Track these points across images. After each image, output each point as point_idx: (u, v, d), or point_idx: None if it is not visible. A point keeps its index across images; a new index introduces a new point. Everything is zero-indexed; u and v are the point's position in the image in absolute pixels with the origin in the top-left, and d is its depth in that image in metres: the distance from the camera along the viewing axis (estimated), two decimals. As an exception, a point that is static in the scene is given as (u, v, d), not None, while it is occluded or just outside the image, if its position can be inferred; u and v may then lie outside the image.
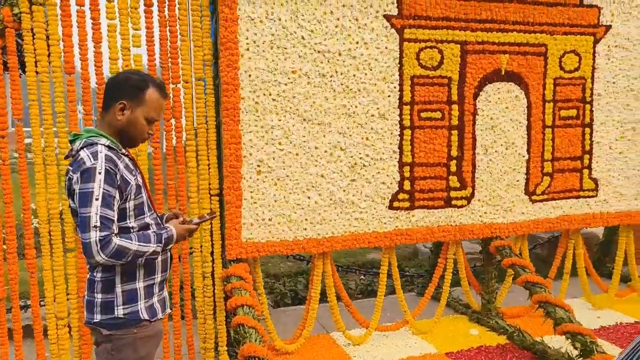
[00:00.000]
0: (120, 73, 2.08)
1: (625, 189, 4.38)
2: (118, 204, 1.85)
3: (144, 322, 1.95)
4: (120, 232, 1.86)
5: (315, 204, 3.57)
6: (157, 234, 1.93)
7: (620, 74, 4.23)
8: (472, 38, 3.78)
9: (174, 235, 1.99)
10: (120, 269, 1.90)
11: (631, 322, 4.27)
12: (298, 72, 3.44)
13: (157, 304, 2.02)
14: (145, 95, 1.96)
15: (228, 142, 3.35)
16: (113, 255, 1.78)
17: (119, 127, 1.96)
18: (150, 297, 1.99)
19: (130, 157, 2.01)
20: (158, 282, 2.03)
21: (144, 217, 1.98)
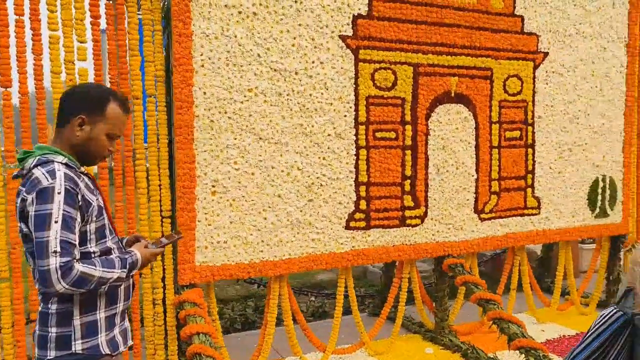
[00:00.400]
0: (78, 86, 1.94)
1: (563, 206, 4.60)
2: (79, 227, 1.69)
3: (105, 357, 1.78)
4: (81, 257, 1.70)
5: (271, 225, 3.48)
6: (122, 259, 1.78)
7: (557, 98, 4.47)
8: (424, 60, 3.87)
9: (139, 259, 1.84)
10: (78, 298, 1.73)
11: (573, 334, 4.45)
12: (254, 90, 3.37)
13: (118, 336, 1.85)
14: (106, 109, 1.82)
15: (181, 162, 3.21)
16: (75, 283, 1.62)
17: (77, 144, 1.81)
18: (112, 329, 1.83)
19: (90, 177, 1.85)
20: (120, 312, 1.86)
21: (105, 241, 1.83)
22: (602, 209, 4.78)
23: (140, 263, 1.85)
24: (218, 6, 3.22)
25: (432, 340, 4.27)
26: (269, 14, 3.37)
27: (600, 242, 5.04)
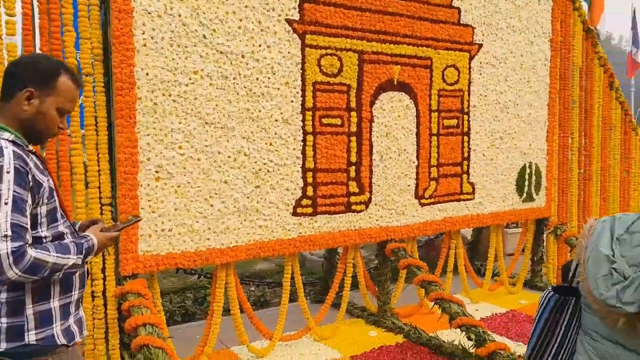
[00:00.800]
0: (25, 57, 1.78)
1: (495, 192, 4.84)
2: (30, 209, 1.56)
3: (61, 347, 1.65)
4: (32, 242, 1.56)
5: (218, 212, 3.39)
6: (77, 244, 1.66)
7: (490, 88, 4.69)
8: (369, 48, 3.92)
9: (95, 244, 1.72)
10: (31, 286, 1.59)
11: (504, 312, 4.71)
12: (200, 72, 3.26)
13: (74, 326, 1.72)
14: (57, 83, 1.68)
15: (123, 146, 3.04)
16: (28, 269, 1.48)
17: (24, 119, 1.65)
18: (67, 318, 1.70)
19: (39, 156, 1.70)
20: (75, 301, 1.73)
21: (57, 225, 1.69)
22: (529, 194, 5.09)
23: (96, 248, 1.73)
24: (161, -17, 3.08)
25: (375, 323, 4.36)
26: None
27: (526, 225, 5.35)
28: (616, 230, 1.44)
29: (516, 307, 4.79)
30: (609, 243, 1.43)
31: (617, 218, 1.49)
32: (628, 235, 1.41)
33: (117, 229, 1.85)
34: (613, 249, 1.41)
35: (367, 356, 3.75)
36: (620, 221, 1.46)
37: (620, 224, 1.45)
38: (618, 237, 1.42)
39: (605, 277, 1.41)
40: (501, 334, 4.14)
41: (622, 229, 1.43)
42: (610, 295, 1.38)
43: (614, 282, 1.38)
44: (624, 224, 1.44)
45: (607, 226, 1.48)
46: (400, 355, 3.77)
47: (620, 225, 1.45)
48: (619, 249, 1.40)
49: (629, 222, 1.44)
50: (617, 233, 1.43)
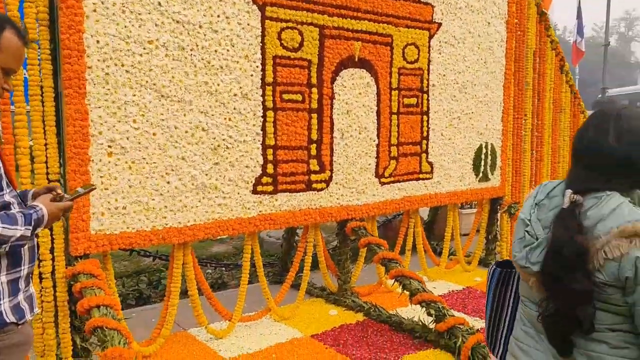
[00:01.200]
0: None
1: (452, 171, 4.89)
2: None
3: (10, 325, 1.52)
4: (-25, 213, 1.42)
5: (175, 189, 3.26)
6: (25, 215, 1.53)
7: (448, 68, 4.71)
8: (330, 23, 3.84)
9: (45, 215, 1.59)
10: (-26, 260, 1.46)
11: (460, 289, 4.80)
12: (155, 42, 3.10)
13: (24, 303, 1.59)
14: (1, 39, 1.53)
15: (71, 118, 2.86)
16: (-29, 241, 1.35)
17: (-37, 78, 1.50)
18: (16, 295, 1.56)
19: (-21, 118, 1.55)
20: (24, 276, 1.60)
21: (2, 195, 1.55)
22: (485, 174, 5.18)
23: (46, 219, 1.60)
24: (112, -56, 2.89)
25: (335, 302, 4.35)
26: (170, -41, 3.09)
27: (481, 204, 5.46)
28: (538, 196, 1.47)
29: (472, 284, 4.90)
30: (529, 209, 1.46)
31: (543, 185, 1.52)
32: (547, 200, 1.44)
33: (70, 199, 1.72)
34: (531, 214, 1.44)
35: (328, 335, 3.73)
36: (544, 188, 1.49)
37: (543, 190, 1.49)
38: (538, 202, 1.45)
39: (520, 240, 1.44)
40: (459, 310, 4.21)
41: (543, 195, 1.46)
42: (521, 256, 1.42)
43: (526, 243, 1.41)
44: (546, 190, 1.47)
45: (533, 193, 1.52)
46: (361, 333, 3.77)
47: (543, 192, 1.48)
48: (536, 213, 1.43)
49: (550, 188, 1.47)
50: (537, 199, 1.47)
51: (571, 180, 1.42)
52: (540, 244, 1.38)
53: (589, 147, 1.39)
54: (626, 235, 1.25)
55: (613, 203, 1.31)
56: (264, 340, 3.64)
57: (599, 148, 1.36)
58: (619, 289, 1.27)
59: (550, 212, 1.41)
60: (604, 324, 1.31)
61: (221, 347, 3.53)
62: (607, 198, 1.32)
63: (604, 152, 1.35)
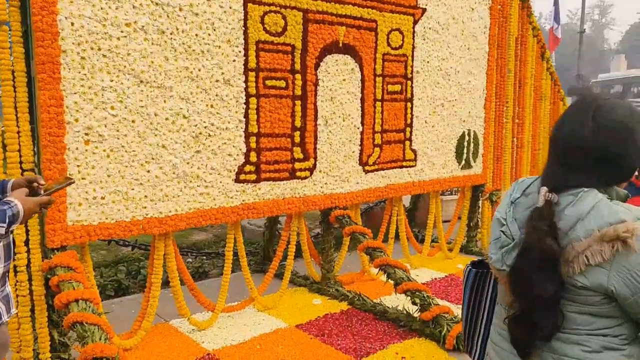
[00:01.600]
0: None
1: (436, 158, 4.87)
2: None
3: (-15, 328, 1.44)
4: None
5: (156, 178, 3.16)
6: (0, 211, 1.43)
7: (432, 54, 4.66)
8: (313, 7, 3.74)
9: (20, 211, 1.50)
10: (-56, 260, 1.36)
11: (442, 276, 4.81)
12: (133, 25, 2.97)
13: (0, 304, 1.50)
14: None
15: (46, 105, 2.73)
16: (-59, 239, 1.25)
17: None
18: (-9, 296, 1.48)
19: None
20: (0, 275, 1.51)
21: (-26, 189, 1.45)
22: (467, 161, 5.18)
23: (22, 215, 1.51)
24: None
25: (318, 291, 4.31)
26: (149, -62, 2.96)
27: (463, 191, 5.47)
28: (514, 194, 1.41)
29: (454, 272, 4.91)
30: (505, 207, 1.40)
31: (519, 182, 1.45)
32: (524, 198, 1.37)
33: (47, 193, 1.62)
34: (507, 213, 1.38)
35: (312, 325, 3.70)
36: (520, 184, 1.43)
37: (519, 187, 1.42)
38: (513, 201, 1.39)
39: (496, 241, 1.39)
40: (442, 298, 4.22)
41: (519, 192, 1.40)
42: (497, 258, 1.36)
43: (502, 244, 1.36)
44: (522, 187, 1.41)
45: (509, 191, 1.45)
46: (346, 322, 3.75)
47: (519, 189, 1.41)
48: (512, 212, 1.37)
49: (526, 185, 1.40)
50: (514, 197, 1.40)
51: (547, 176, 1.35)
52: (517, 244, 1.32)
53: (567, 141, 1.32)
54: (607, 239, 1.19)
55: (591, 200, 1.25)
56: (248, 330, 3.59)
57: (577, 142, 1.29)
58: (601, 294, 1.23)
59: (527, 210, 1.34)
60: (582, 327, 1.26)
61: (204, 338, 3.47)
62: (584, 195, 1.26)
63: (582, 146, 1.28)
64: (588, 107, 1.30)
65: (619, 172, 1.31)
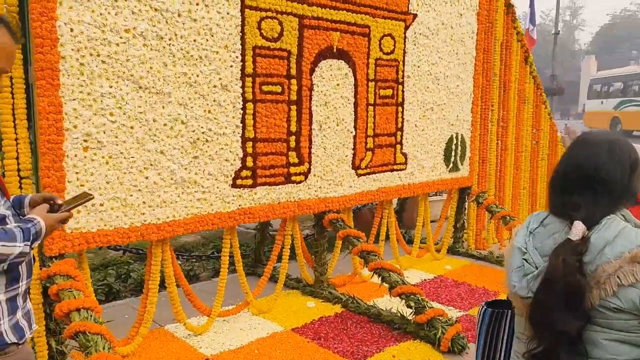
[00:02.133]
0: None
1: (425, 162, 4.95)
2: None
3: (12, 346, 1.43)
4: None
5: (154, 184, 3.15)
6: (24, 230, 1.42)
7: (423, 59, 4.73)
8: (309, 12, 3.76)
9: (43, 228, 1.49)
10: (-29, 280, 1.35)
11: (432, 277, 4.90)
12: (132, 31, 2.95)
13: (22, 320, 1.49)
14: None
15: (44, 111, 2.70)
16: (-28, 261, 1.24)
17: (-47, 81, 1.37)
18: (15, 313, 1.46)
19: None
20: (22, 293, 1.50)
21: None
22: (455, 164, 5.27)
23: (44, 232, 1.50)
24: None
25: (311, 294, 4.34)
26: (148, -57, 2.93)
27: (450, 193, 5.56)
28: (531, 225, 1.46)
29: (443, 273, 5.00)
30: (523, 237, 1.45)
31: (534, 215, 1.52)
32: (542, 228, 1.43)
33: (67, 209, 1.62)
34: (526, 242, 1.43)
35: (308, 328, 3.73)
36: (536, 217, 1.49)
37: (535, 219, 1.48)
38: (532, 231, 1.44)
39: (518, 269, 1.41)
40: (433, 300, 4.29)
41: (536, 223, 1.46)
42: (522, 286, 1.38)
43: (526, 272, 1.38)
44: (539, 219, 1.47)
45: (525, 224, 1.50)
46: (341, 325, 3.79)
47: (535, 220, 1.47)
48: (532, 241, 1.42)
49: (543, 217, 1.46)
50: (531, 227, 1.45)
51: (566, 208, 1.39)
52: (541, 272, 1.35)
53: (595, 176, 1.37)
54: (639, 260, 1.25)
55: (616, 226, 1.31)
56: (245, 335, 3.60)
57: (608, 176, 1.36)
58: (636, 317, 1.25)
59: (549, 239, 1.39)
60: (614, 355, 1.26)
61: (201, 343, 3.47)
62: (608, 222, 1.32)
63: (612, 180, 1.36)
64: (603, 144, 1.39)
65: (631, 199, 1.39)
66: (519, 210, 6.37)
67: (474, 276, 4.89)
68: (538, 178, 6.76)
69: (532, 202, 6.70)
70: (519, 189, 6.38)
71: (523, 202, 6.49)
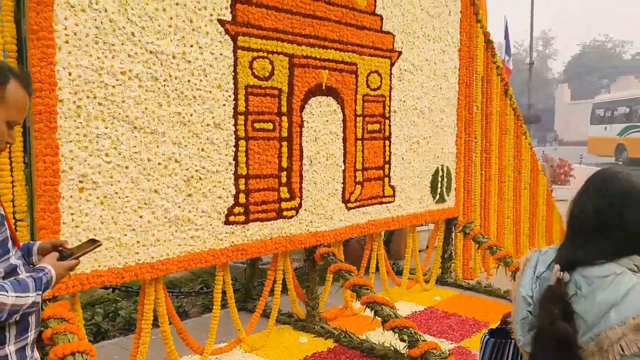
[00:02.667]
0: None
1: (413, 194, 5.04)
2: None
3: (21, 398, 1.43)
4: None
5: (148, 223, 3.16)
6: (35, 279, 1.44)
7: (408, 94, 4.86)
8: (299, 52, 3.87)
9: (54, 277, 1.51)
10: (-17, 332, 1.35)
11: (422, 309, 4.93)
12: (128, 73, 3.00)
13: (31, 370, 1.50)
14: (5, 91, 1.45)
15: (42, 154, 2.71)
16: (-14, 314, 1.26)
17: (-33, 135, 1.40)
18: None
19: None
20: (31, 342, 1.51)
21: (9, 258, 1.45)
22: (441, 195, 5.37)
23: (54, 281, 1.52)
24: (85, -27, 2.78)
25: (303, 329, 4.33)
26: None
27: (437, 224, 5.64)
28: (538, 267, 1.36)
29: (433, 304, 5.04)
30: (530, 282, 1.35)
31: (542, 253, 1.41)
32: (549, 272, 1.33)
33: (75, 257, 1.63)
34: (533, 289, 1.33)
35: (302, 364, 3.72)
36: (544, 257, 1.38)
37: (542, 259, 1.37)
38: (539, 276, 1.34)
39: (523, 321, 1.33)
40: (424, 332, 4.31)
41: (543, 266, 1.35)
42: (526, 341, 1.31)
43: (530, 327, 1.30)
44: (546, 261, 1.36)
45: (533, 262, 1.40)
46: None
47: (543, 261, 1.36)
48: (539, 288, 1.32)
49: (550, 258, 1.35)
50: (538, 271, 1.35)
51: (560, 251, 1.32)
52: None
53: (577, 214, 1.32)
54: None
55: (625, 285, 1.22)
56: (239, 373, 3.57)
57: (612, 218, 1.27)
58: None
59: None
60: None
61: (195, 383, 3.44)
62: (616, 279, 1.23)
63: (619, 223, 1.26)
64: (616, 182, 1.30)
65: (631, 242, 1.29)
66: (504, 240, 6.47)
67: (464, 307, 4.94)
68: (521, 207, 6.90)
69: (516, 230, 6.82)
70: (504, 218, 6.50)
71: (507, 232, 6.60)
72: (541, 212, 7.44)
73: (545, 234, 7.62)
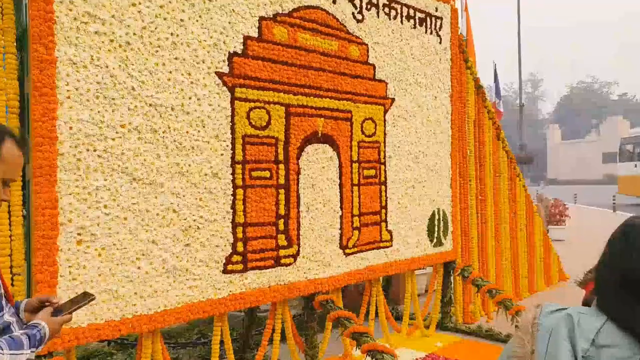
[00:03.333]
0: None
1: (410, 238, 5.04)
2: None
3: None
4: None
5: (146, 274, 3.14)
6: (30, 336, 1.44)
7: (403, 140, 4.94)
8: (295, 101, 3.96)
9: (47, 332, 1.51)
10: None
11: (423, 356, 4.84)
12: (127, 126, 3.05)
13: None
14: (1, 149, 1.49)
15: (41, 207, 2.73)
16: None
17: (-37, 195, 1.42)
18: None
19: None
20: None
21: (2, 315, 1.46)
22: (438, 239, 5.37)
23: (48, 337, 1.51)
24: (87, 32, 2.87)
25: (303, 379, 4.24)
26: (144, 45, 3.11)
27: (435, 268, 5.62)
28: (578, 341, 1.14)
29: (434, 350, 4.96)
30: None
31: (577, 323, 1.17)
32: (595, 350, 1.12)
33: (69, 311, 1.63)
34: None
35: (302, 416, 3.62)
36: (581, 328, 1.15)
37: (581, 332, 1.15)
38: (584, 355, 1.12)
39: None
40: (426, 379, 4.24)
41: (586, 342, 1.13)
42: None
43: None
44: (587, 333, 1.14)
45: (563, 332, 1.17)
46: (336, 411, 3.69)
47: (583, 335, 1.14)
48: None
49: (594, 331, 1.14)
50: (580, 347, 1.13)
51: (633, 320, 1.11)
52: None
53: None
54: None
55: None
56: None
57: None
58: None
59: None
60: None
61: None
62: None
63: None
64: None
65: None
66: (503, 282, 6.44)
67: (466, 353, 4.86)
68: (519, 249, 6.90)
69: (515, 272, 6.80)
70: (501, 260, 6.49)
71: (506, 274, 6.58)
72: (538, 253, 7.44)
73: (543, 275, 7.59)
